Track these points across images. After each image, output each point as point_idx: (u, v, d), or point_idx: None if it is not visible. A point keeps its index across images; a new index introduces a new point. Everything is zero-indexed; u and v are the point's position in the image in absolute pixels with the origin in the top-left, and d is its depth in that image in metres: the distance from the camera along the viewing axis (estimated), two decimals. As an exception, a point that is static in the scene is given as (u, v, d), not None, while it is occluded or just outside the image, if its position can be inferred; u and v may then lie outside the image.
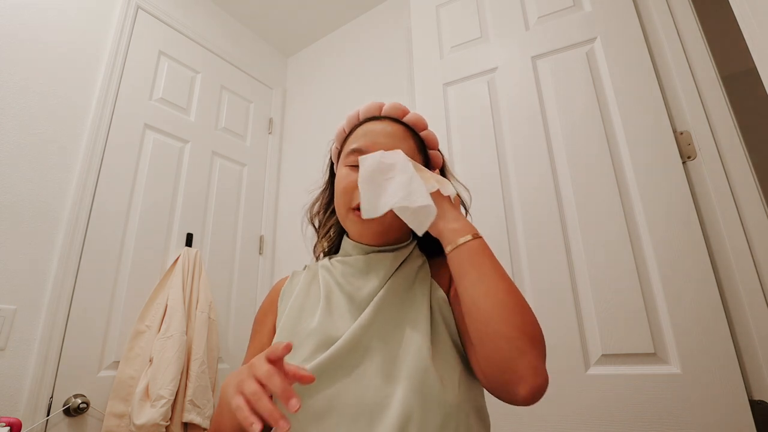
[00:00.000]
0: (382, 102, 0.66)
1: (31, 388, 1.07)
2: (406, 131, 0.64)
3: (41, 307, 1.13)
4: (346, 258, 0.64)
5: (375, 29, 1.91)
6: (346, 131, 0.68)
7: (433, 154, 0.67)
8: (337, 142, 0.70)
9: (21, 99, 1.19)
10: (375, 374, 0.51)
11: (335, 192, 0.64)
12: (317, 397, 0.50)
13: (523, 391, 0.44)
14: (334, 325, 0.56)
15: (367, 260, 0.61)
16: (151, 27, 1.60)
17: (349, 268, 0.62)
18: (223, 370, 1.51)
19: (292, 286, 0.66)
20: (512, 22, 1.30)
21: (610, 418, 0.90)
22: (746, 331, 0.87)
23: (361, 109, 0.66)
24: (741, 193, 0.95)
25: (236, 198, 1.79)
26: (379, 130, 0.62)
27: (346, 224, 0.62)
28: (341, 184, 0.61)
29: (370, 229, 0.60)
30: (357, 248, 0.63)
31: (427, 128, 0.66)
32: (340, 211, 0.63)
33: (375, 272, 0.60)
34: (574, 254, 1.05)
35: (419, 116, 0.65)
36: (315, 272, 0.67)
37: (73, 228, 1.22)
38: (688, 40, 1.09)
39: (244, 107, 1.94)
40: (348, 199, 0.60)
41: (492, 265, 0.50)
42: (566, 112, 1.15)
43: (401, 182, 0.51)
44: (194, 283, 1.42)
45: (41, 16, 1.29)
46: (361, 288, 0.59)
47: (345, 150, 0.64)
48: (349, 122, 0.67)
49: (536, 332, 0.47)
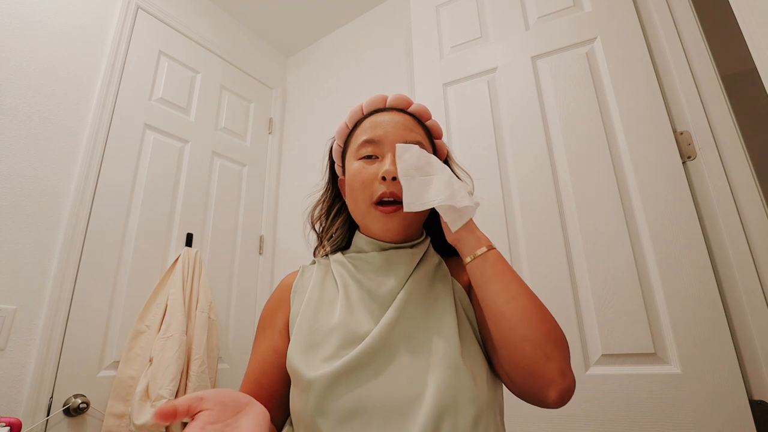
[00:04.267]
0: (385, 94, 0.65)
1: (31, 388, 1.07)
2: (414, 121, 0.62)
3: (41, 307, 1.13)
4: (361, 254, 0.62)
5: (375, 29, 1.91)
6: (349, 127, 0.65)
7: (438, 144, 0.66)
8: (339, 139, 0.67)
9: (20, 99, 1.19)
10: (405, 371, 0.50)
11: (350, 187, 0.61)
12: (347, 396, 0.48)
13: (554, 394, 0.45)
14: (356, 321, 0.55)
15: (386, 257, 0.60)
16: (151, 27, 1.60)
17: (366, 264, 0.60)
18: (223, 370, 1.51)
19: (303, 281, 0.63)
20: (512, 22, 1.30)
21: (610, 418, 0.90)
22: (746, 331, 0.87)
23: (364, 103, 0.64)
24: (741, 193, 0.95)
25: (236, 198, 1.79)
26: (388, 120, 0.61)
27: (367, 220, 0.59)
28: (358, 178, 0.58)
29: (396, 224, 0.58)
30: (372, 244, 0.61)
31: (431, 118, 0.65)
32: (359, 207, 0.59)
33: (394, 269, 0.58)
34: (574, 254, 1.05)
35: (424, 106, 0.65)
36: (327, 267, 0.64)
37: (73, 228, 1.22)
38: (688, 40, 1.09)
39: (244, 107, 1.94)
40: (369, 193, 0.58)
41: (512, 274, 0.51)
42: (566, 112, 1.15)
43: (444, 181, 0.54)
44: (194, 283, 1.42)
45: (41, 16, 1.29)
46: (382, 285, 0.57)
47: (353, 143, 0.62)
48: (351, 117, 0.65)
49: (560, 336, 0.48)
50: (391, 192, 0.56)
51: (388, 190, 0.56)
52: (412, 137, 0.59)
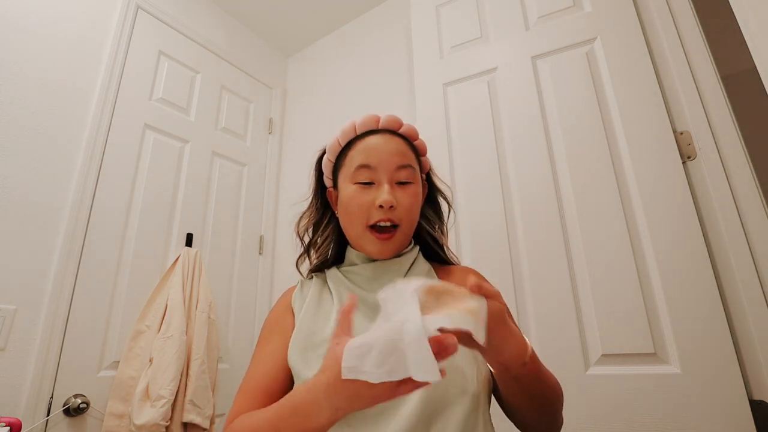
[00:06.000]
0: (378, 115, 0.67)
1: (31, 388, 1.07)
2: (404, 143, 0.66)
3: (41, 307, 1.13)
4: (352, 267, 0.66)
5: (375, 29, 1.91)
6: (341, 144, 0.67)
7: (423, 160, 0.70)
8: (330, 154, 0.68)
9: (20, 98, 1.19)
10: None
11: (346, 209, 0.63)
12: None
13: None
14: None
15: (375, 267, 0.64)
16: (151, 27, 1.60)
17: (357, 276, 0.64)
18: (223, 370, 1.51)
19: (303, 293, 0.67)
20: (512, 22, 1.30)
21: (610, 418, 0.90)
22: (746, 331, 0.87)
23: (357, 122, 0.66)
24: (741, 193, 0.95)
25: (236, 198, 1.79)
26: (383, 146, 0.63)
27: (363, 242, 0.62)
28: (354, 203, 0.62)
29: (390, 249, 0.62)
30: (362, 258, 0.65)
31: (418, 137, 0.69)
32: (354, 228, 0.63)
33: (385, 278, 0.62)
34: (574, 254, 1.05)
35: (412, 126, 0.68)
36: (324, 281, 0.68)
37: (73, 228, 1.22)
38: (688, 40, 1.09)
39: (244, 107, 1.94)
40: (365, 217, 0.61)
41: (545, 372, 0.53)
42: (566, 112, 1.15)
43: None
44: (194, 283, 1.42)
45: (41, 16, 1.29)
46: (372, 292, 0.60)
47: (347, 164, 0.64)
48: (344, 135, 0.66)
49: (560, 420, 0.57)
50: (388, 218, 0.60)
51: (385, 216, 0.60)
52: (404, 161, 0.63)
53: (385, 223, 0.60)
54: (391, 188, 0.60)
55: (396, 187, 0.61)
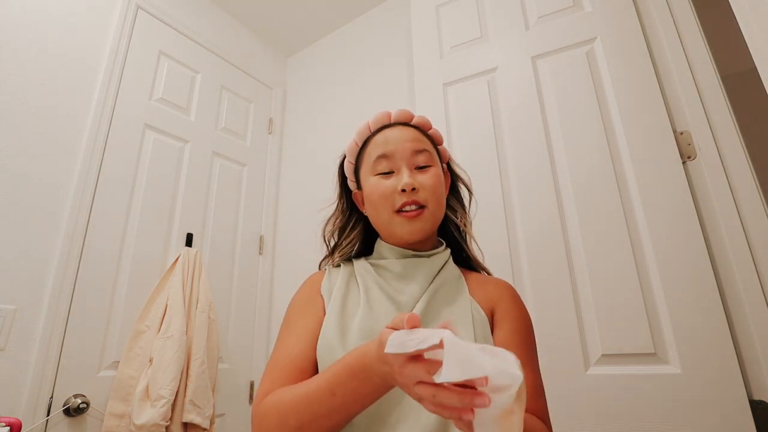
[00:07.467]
0: (389, 110, 0.69)
1: (31, 388, 1.07)
2: (419, 132, 0.67)
3: (41, 307, 1.13)
4: (381, 261, 0.66)
5: (375, 29, 1.91)
6: (358, 144, 0.69)
7: (441, 149, 0.71)
8: (350, 156, 0.71)
9: (20, 101, 1.19)
10: None
11: (370, 200, 0.65)
12: None
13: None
14: (376, 319, 0.58)
15: (404, 264, 0.64)
16: (151, 27, 1.60)
17: (386, 271, 0.64)
18: (223, 370, 1.51)
19: (330, 281, 0.66)
20: (512, 22, 1.30)
21: (610, 418, 0.90)
22: (746, 331, 0.87)
23: (370, 121, 0.68)
24: (741, 193, 0.95)
25: (236, 198, 1.79)
26: (397, 135, 0.65)
27: (392, 227, 0.63)
28: (377, 192, 0.63)
29: (419, 227, 0.62)
30: (393, 251, 0.66)
31: (432, 127, 0.70)
32: (382, 216, 0.63)
33: (414, 277, 0.62)
34: (574, 254, 1.05)
35: (425, 117, 0.69)
36: (351, 271, 0.68)
37: (73, 228, 1.22)
38: (688, 40, 1.09)
39: (244, 107, 1.94)
40: (390, 203, 0.62)
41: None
42: (566, 112, 1.15)
43: None
44: (194, 283, 1.42)
45: (41, 16, 1.29)
46: (401, 291, 0.61)
47: (366, 159, 0.66)
48: (360, 135, 0.69)
49: None
50: (413, 200, 0.61)
51: (410, 199, 0.61)
52: (420, 146, 0.64)
53: (411, 207, 0.61)
54: (410, 172, 0.62)
55: (416, 172, 0.63)
